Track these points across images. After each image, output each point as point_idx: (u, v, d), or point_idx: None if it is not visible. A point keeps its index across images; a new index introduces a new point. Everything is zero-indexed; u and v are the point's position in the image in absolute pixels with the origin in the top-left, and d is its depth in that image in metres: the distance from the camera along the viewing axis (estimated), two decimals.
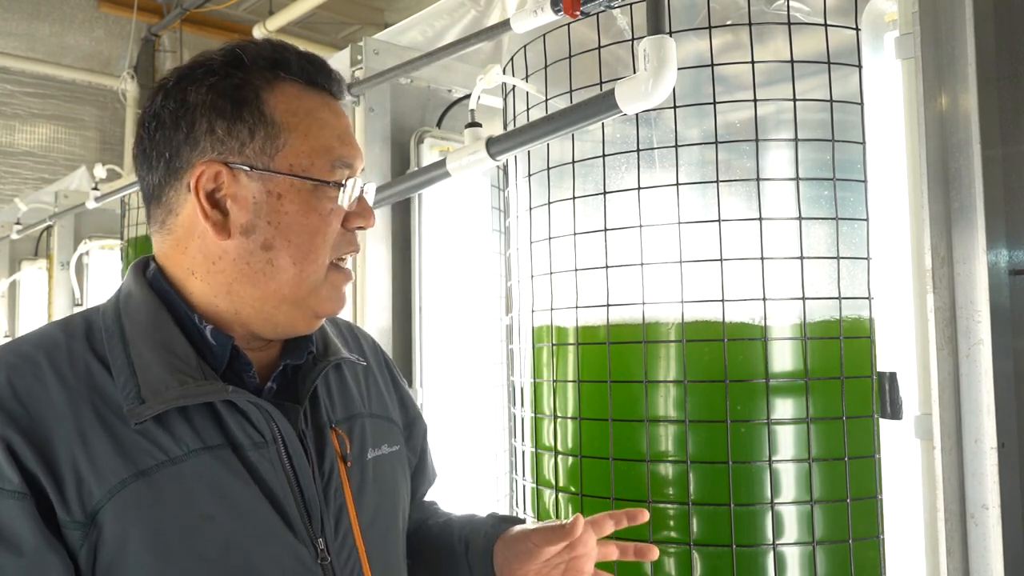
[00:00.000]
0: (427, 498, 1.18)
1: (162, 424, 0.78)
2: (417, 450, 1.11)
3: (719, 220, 1.33)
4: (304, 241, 0.84)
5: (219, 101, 0.83)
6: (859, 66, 1.33)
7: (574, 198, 1.47)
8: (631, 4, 1.39)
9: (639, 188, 1.39)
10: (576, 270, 1.47)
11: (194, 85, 0.84)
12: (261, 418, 0.83)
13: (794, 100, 1.34)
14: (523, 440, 1.63)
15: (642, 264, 1.38)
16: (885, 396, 1.14)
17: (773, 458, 1.31)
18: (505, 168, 1.94)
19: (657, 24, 1.21)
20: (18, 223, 4.27)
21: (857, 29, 1.32)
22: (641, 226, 1.38)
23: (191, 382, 0.79)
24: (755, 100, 1.34)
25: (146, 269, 0.89)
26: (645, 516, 1.02)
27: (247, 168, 0.83)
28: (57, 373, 0.78)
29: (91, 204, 3.47)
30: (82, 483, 0.74)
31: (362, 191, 0.89)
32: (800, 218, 1.33)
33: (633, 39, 1.41)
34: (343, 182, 0.85)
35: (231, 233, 0.83)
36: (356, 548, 0.87)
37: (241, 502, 0.79)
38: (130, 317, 0.83)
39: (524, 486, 1.62)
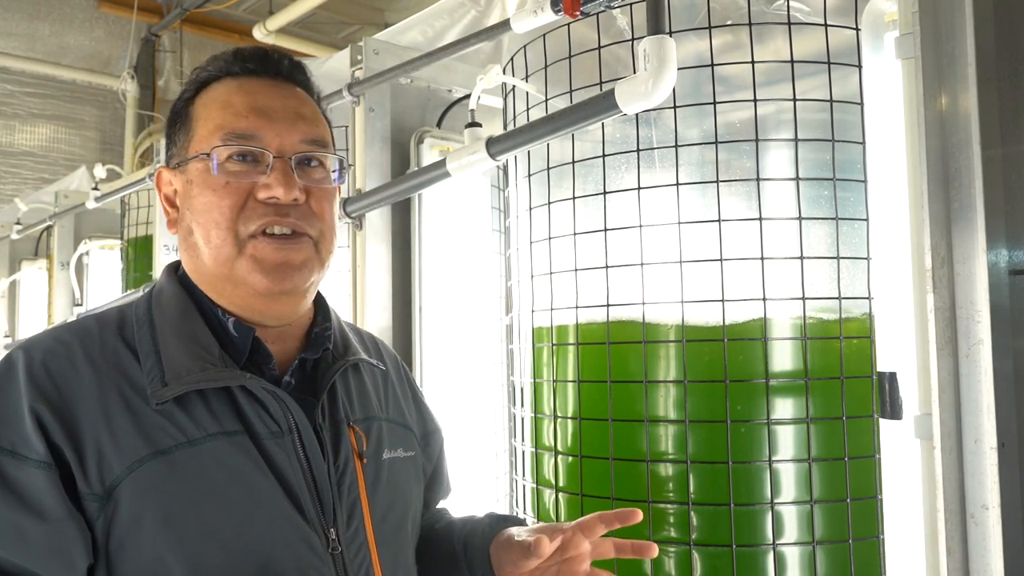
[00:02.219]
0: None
1: (183, 408, 0.82)
2: (433, 460, 1.12)
3: (719, 220, 1.33)
4: (206, 219, 0.88)
5: (170, 116, 0.95)
6: (859, 66, 1.33)
7: (574, 198, 1.47)
8: (631, 4, 1.39)
9: (639, 188, 1.39)
10: (576, 270, 1.47)
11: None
12: (278, 408, 0.86)
13: (794, 100, 1.34)
14: (523, 440, 1.63)
15: (642, 264, 1.38)
16: (885, 396, 1.14)
17: (773, 458, 1.31)
18: (505, 168, 1.94)
19: (657, 24, 1.21)
20: (18, 223, 4.27)
21: (857, 29, 1.32)
22: (641, 226, 1.38)
23: (211, 368, 0.84)
24: (755, 100, 1.34)
25: (178, 268, 0.96)
26: (638, 517, 1.00)
27: (176, 165, 0.92)
28: (88, 357, 0.83)
29: (91, 204, 3.48)
30: (103, 459, 0.78)
31: (278, 160, 0.88)
32: (800, 218, 1.33)
33: (633, 39, 1.41)
34: (208, 152, 0.88)
35: (176, 226, 0.93)
36: (367, 541, 0.90)
37: (255, 487, 0.82)
38: (160, 310, 0.89)
39: (524, 486, 1.62)
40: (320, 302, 1.01)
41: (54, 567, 0.75)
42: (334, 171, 0.94)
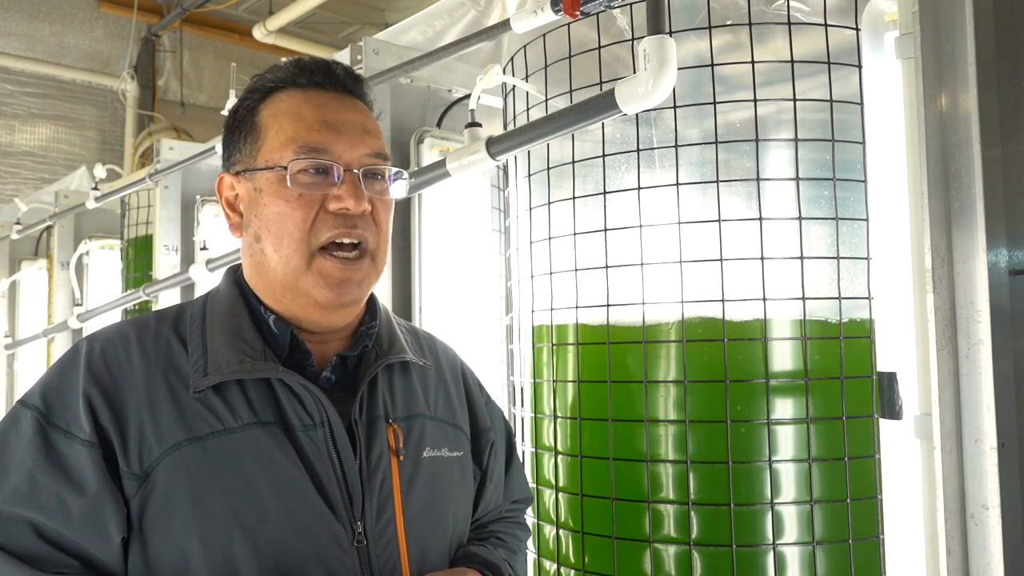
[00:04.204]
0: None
1: (223, 398, 0.88)
2: (482, 462, 1.12)
3: (719, 220, 1.33)
4: (277, 228, 0.91)
5: (231, 122, 0.97)
6: (859, 66, 1.33)
7: (574, 198, 1.47)
8: (631, 4, 1.39)
9: (639, 188, 1.39)
10: (576, 270, 1.47)
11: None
12: (312, 402, 0.90)
13: (794, 100, 1.34)
14: (523, 440, 1.63)
15: (642, 264, 1.38)
16: (885, 396, 1.14)
17: (773, 458, 1.31)
18: (505, 168, 1.93)
19: (657, 24, 1.21)
20: (18, 223, 4.27)
21: (857, 29, 1.32)
22: (641, 226, 1.38)
23: (249, 361, 0.89)
24: (755, 100, 1.34)
25: (236, 271, 1.01)
26: None
27: (241, 172, 0.95)
28: (142, 348, 0.91)
29: (91, 204, 3.47)
30: (144, 441, 0.85)
31: (347, 173, 0.92)
32: (800, 218, 1.33)
33: (633, 39, 1.41)
34: (284, 164, 0.91)
35: (240, 231, 0.95)
36: (396, 537, 0.91)
37: (285, 476, 0.86)
38: (213, 307, 0.96)
39: None
40: (371, 302, 1.04)
41: (91, 536, 0.83)
42: (393, 182, 0.98)
